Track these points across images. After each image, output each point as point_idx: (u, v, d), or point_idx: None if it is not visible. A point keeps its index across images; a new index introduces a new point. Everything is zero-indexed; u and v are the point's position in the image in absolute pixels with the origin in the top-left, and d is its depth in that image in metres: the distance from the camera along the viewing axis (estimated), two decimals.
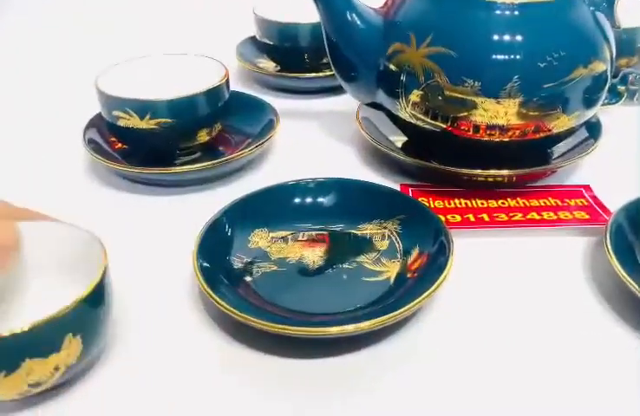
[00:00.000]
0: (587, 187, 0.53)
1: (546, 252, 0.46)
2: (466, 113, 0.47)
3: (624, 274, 0.39)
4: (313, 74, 0.66)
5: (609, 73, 0.50)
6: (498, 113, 0.46)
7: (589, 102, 0.49)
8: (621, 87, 0.55)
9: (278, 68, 0.71)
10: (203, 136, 0.54)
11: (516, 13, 0.45)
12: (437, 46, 0.46)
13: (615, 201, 0.47)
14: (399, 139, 0.56)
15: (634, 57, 0.69)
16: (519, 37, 0.45)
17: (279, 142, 0.60)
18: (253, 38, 0.73)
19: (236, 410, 0.34)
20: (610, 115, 0.59)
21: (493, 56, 0.45)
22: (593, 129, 0.56)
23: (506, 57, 0.45)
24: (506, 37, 0.45)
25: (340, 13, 0.50)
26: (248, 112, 0.59)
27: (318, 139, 0.61)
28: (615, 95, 0.56)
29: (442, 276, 0.38)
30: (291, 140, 0.60)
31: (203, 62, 0.56)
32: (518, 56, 0.45)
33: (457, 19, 0.46)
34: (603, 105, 0.54)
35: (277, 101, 0.67)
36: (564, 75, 0.46)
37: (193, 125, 0.52)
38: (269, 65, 0.72)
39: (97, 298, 0.32)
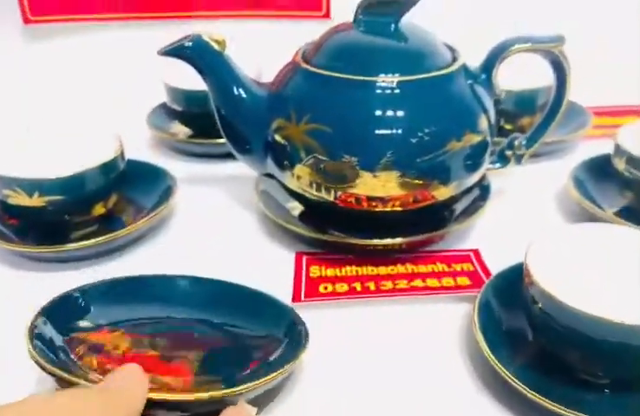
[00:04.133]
0: (475, 251, 0.54)
1: (425, 320, 0.46)
2: (347, 187, 0.48)
3: (487, 348, 0.40)
4: (222, 140, 0.67)
5: (489, 140, 0.52)
6: (376, 187, 0.48)
7: (467, 172, 0.51)
8: (508, 152, 0.57)
9: (191, 132, 0.73)
10: (99, 209, 0.54)
11: (394, 91, 0.47)
12: (315, 123, 0.48)
13: (501, 265, 0.48)
14: (296, 207, 0.57)
15: (535, 115, 0.71)
16: (392, 114, 0.47)
17: (182, 208, 0.61)
18: (165, 104, 0.74)
19: None
20: (502, 176, 0.60)
21: (368, 133, 0.47)
22: (484, 191, 0.58)
23: (380, 134, 0.47)
24: (380, 114, 0.47)
25: (227, 87, 0.52)
26: (147, 180, 0.60)
27: (220, 206, 0.62)
28: (502, 160, 0.58)
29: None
30: (194, 206, 0.62)
31: (100, 134, 0.57)
32: (391, 133, 0.47)
33: (335, 97, 0.48)
34: (490, 169, 0.57)
35: (187, 166, 0.69)
36: (437, 149, 0.47)
37: (86, 200, 0.53)
38: (181, 129, 0.73)
39: None
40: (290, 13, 0.82)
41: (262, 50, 0.80)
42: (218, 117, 0.54)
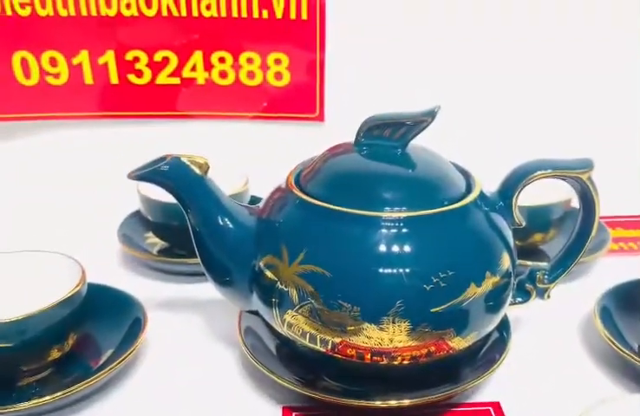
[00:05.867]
0: (496, 405, 0.46)
1: None
2: (346, 339, 0.41)
3: None
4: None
5: (512, 280, 0.45)
6: (382, 340, 0.40)
7: (488, 317, 0.43)
8: (529, 286, 0.50)
9: (167, 245, 0.66)
10: (54, 354, 0.46)
11: (401, 228, 0.40)
12: (310, 264, 0.40)
13: None
14: (285, 348, 0.49)
15: (549, 232, 0.65)
16: (400, 257, 0.40)
17: (152, 343, 0.53)
18: (139, 211, 0.67)
19: None
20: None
21: (372, 278, 0.40)
22: (503, 330, 0.50)
23: (387, 279, 0.39)
24: (387, 257, 0.40)
25: (210, 216, 0.45)
26: (112, 311, 0.52)
27: (196, 341, 0.54)
28: (523, 294, 0.51)
29: None
30: (165, 342, 0.53)
31: (58, 258, 0.50)
32: (399, 278, 0.39)
33: (334, 235, 0.41)
34: (510, 304, 0.49)
35: (160, 286, 0.62)
36: (455, 297, 0.40)
37: (39, 346, 0.45)
38: (156, 241, 0.66)
39: None
40: (281, 115, 0.77)
41: (251, 153, 0.76)
42: (196, 245, 0.46)
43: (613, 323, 0.53)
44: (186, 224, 0.46)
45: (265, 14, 0.71)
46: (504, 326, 0.50)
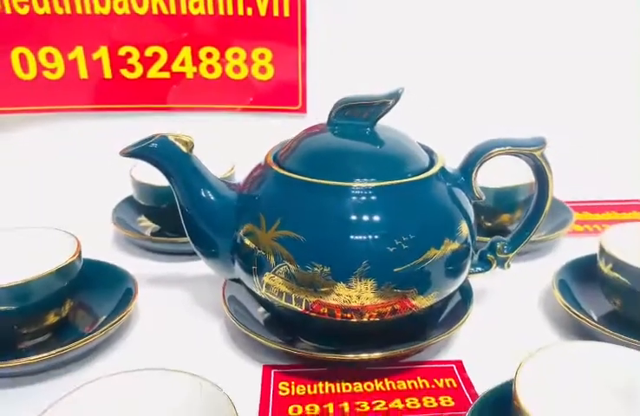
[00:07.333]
0: (459, 363, 0.50)
1: None
2: (319, 298, 0.45)
3: None
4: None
5: (469, 247, 0.49)
6: (351, 298, 0.45)
7: (448, 280, 0.48)
8: (490, 256, 0.55)
9: (158, 227, 0.70)
10: (51, 318, 0.50)
11: (369, 197, 0.45)
12: (286, 230, 0.45)
13: (487, 378, 0.44)
14: (265, 312, 0.53)
15: (516, 212, 0.69)
16: (367, 222, 0.44)
17: (142, 312, 0.57)
18: (132, 197, 0.71)
19: None
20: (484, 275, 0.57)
21: (342, 241, 0.44)
22: (465, 295, 0.55)
23: (355, 242, 0.44)
24: (355, 222, 0.44)
25: (194, 191, 0.49)
26: (106, 282, 0.56)
27: (184, 310, 0.58)
28: (484, 263, 0.55)
29: None
30: (155, 311, 0.58)
31: (56, 233, 0.54)
32: (366, 241, 0.44)
33: (307, 203, 0.45)
34: (472, 273, 0.54)
35: (151, 264, 0.65)
36: (415, 258, 0.44)
37: (38, 309, 0.49)
38: (148, 224, 0.70)
39: None
40: (266, 107, 0.82)
41: (237, 143, 0.79)
42: (183, 218, 0.51)
43: (570, 292, 0.57)
44: (175, 207, 0.50)
45: (250, 11, 0.76)
46: (466, 292, 0.55)
